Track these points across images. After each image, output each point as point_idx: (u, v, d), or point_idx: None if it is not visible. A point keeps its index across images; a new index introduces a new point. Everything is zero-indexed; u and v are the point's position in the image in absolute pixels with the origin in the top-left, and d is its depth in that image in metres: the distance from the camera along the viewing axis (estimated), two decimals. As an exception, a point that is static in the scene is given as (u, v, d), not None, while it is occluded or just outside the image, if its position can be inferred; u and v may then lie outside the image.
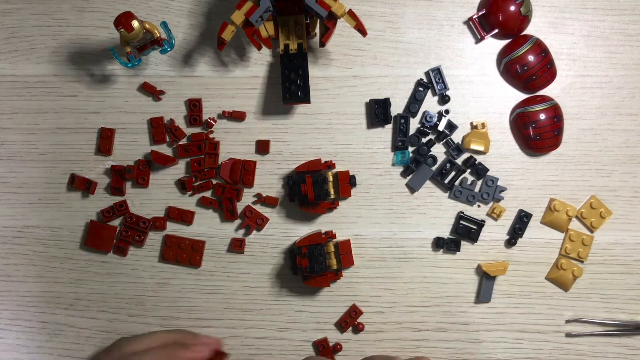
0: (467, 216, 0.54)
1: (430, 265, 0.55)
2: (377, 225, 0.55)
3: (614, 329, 0.55)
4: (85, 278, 0.55)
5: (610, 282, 0.55)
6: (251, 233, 0.55)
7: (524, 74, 0.53)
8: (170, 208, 0.54)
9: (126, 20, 0.46)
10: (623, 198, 0.55)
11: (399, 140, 0.54)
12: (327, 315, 0.55)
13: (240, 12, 0.46)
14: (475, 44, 0.56)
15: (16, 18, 0.55)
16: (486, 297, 0.54)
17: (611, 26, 0.56)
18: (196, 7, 0.55)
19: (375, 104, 0.54)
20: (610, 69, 0.55)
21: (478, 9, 0.55)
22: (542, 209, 0.55)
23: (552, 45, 0.55)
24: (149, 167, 0.54)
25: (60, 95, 0.55)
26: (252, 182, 0.54)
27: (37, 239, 0.55)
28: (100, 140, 0.54)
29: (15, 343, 0.55)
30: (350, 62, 0.55)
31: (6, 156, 0.55)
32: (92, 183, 0.54)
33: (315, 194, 0.50)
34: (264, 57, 0.55)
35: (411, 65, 0.55)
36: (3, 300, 0.55)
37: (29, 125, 0.55)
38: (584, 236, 0.54)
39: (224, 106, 0.55)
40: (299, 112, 0.55)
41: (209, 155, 0.54)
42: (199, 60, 0.55)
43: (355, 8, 0.49)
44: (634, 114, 0.55)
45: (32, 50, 0.55)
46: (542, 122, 0.53)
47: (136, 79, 0.55)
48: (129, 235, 0.54)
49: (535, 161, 0.55)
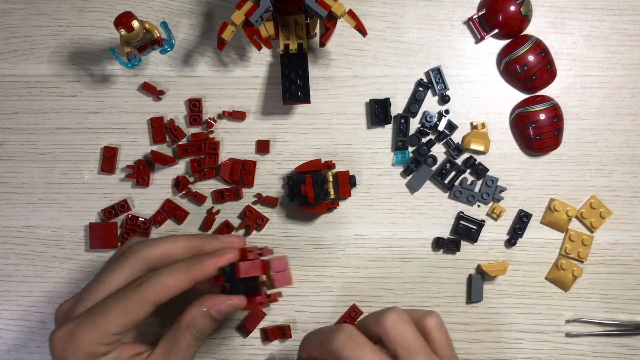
0: (467, 216, 0.55)
1: (430, 265, 0.55)
2: (377, 225, 0.55)
3: (614, 329, 0.55)
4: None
5: (610, 282, 0.55)
6: (251, 233, 0.55)
7: (524, 74, 0.54)
8: (167, 201, 0.54)
9: (126, 20, 0.46)
10: (623, 198, 0.55)
11: (399, 140, 0.54)
12: (327, 316, 0.55)
13: (240, 12, 0.46)
14: (475, 44, 0.56)
15: (16, 18, 0.55)
16: (477, 297, 0.54)
17: (611, 26, 0.56)
18: (196, 7, 0.55)
19: (375, 104, 0.54)
20: (610, 69, 0.55)
21: (478, 9, 0.55)
22: (542, 209, 0.55)
23: (552, 45, 0.55)
24: (149, 167, 0.54)
25: (60, 95, 0.55)
26: (252, 182, 0.54)
27: (37, 239, 0.55)
28: (103, 160, 0.54)
29: (15, 343, 0.55)
30: (350, 62, 0.55)
31: (6, 156, 0.55)
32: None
33: (315, 194, 0.50)
34: (264, 57, 0.55)
35: (411, 65, 0.55)
36: (3, 300, 0.55)
37: (29, 125, 0.55)
38: (584, 236, 0.54)
39: (224, 106, 0.55)
40: (299, 112, 0.55)
41: (209, 155, 0.54)
42: (199, 60, 0.55)
43: (355, 8, 0.49)
44: (634, 114, 0.55)
45: (32, 50, 0.55)
46: (542, 122, 0.53)
47: (136, 79, 0.55)
48: (131, 237, 0.54)
49: (535, 161, 0.55)
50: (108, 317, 0.37)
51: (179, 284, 0.38)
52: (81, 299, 0.39)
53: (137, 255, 0.40)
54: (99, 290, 0.39)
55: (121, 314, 0.37)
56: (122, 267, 0.39)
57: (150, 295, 0.38)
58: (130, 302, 0.37)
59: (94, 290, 0.39)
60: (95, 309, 0.38)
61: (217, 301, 0.39)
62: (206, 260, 0.39)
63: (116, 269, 0.40)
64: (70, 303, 0.40)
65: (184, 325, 0.39)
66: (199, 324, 0.39)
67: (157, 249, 0.40)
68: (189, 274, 0.39)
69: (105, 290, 0.39)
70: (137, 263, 0.40)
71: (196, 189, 0.54)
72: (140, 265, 0.40)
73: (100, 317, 0.37)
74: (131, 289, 0.38)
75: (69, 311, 0.39)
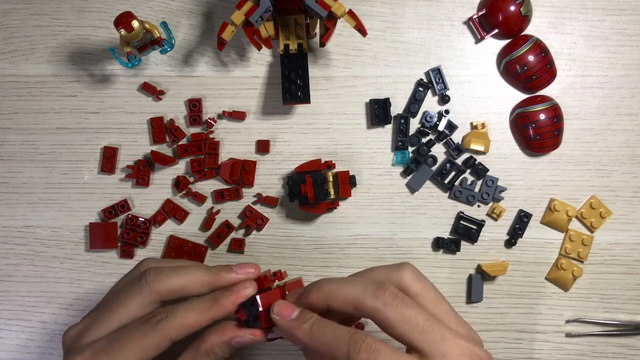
0: (467, 216, 0.55)
1: (430, 265, 0.55)
2: (377, 225, 0.55)
3: (614, 329, 0.55)
4: (85, 278, 0.55)
5: (610, 282, 0.55)
6: (251, 233, 0.55)
7: (524, 74, 0.54)
8: (167, 201, 0.54)
9: (126, 20, 0.46)
10: (623, 198, 0.55)
11: (399, 140, 0.54)
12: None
13: (240, 12, 0.46)
14: (475, 44, 0.56)
15: (16, 18, 0.55)
16: (477, 297, 0.54)
17: (611, 26, 0.56)
18: (196, 7, 0.55)
19: (375, 104, 0.54)
20: (610, 69, 0.55)
21: (478, 9, 0.55)
22: (542, 209, 0.55)
23: (552, 45, 0.55)
24: (149, 167, 0.54)
25: (60, 95, 0.55)
26: (252, 182, 0.54)
27: (37, 239, 0.55)
28: (103, 160, 0.54)
29: (15, 343, 0.55)
30: (350, 62, 0.55)
31: (6, 156, 0.55)
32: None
33: (315, 194, 0.50)
34: (264, 57, 0.55)
35: (411, 65, 0.55)
36: (3, 300, 0.55)
37: (29, 125, 0.55)
38: (584, 236, 0.54)
39: (224, 106, 0.55)
40: (299, 112, 0.55)
41: (209, 155, 0.54)
42: (199, 60, 0.55)
43: (355, 8, 0.49)
44: (634, 114, 0.55)
45: (32, 50, 0.55)
46: (542, 122, 0.53)
47: (136, 79, 0.55)
48: (131, 237, 0.54)
49: (535, 161, 0.55)
50: (126, 352, 0.37)
51: (198, 324, 0.38)
52: (92, 327, 0.39)
53: (152, 288, 0.39)
54: (112, 319, 0.39)
55: (140, 350, 0.37)
56: (136, 298, 0.39)
57: (170, 333, 0.37)
58: (149, 339, 0.37)
59: (106, 319, 0.39)
60: (112, 343, 0.37)
61: (239, 333, 0.39)
62: (225, 299, 0.39)
63: (130, 298, 0.39)
64: (79, 329, 0.39)
65: (203, 351, 0.39)
66: (218, 352, 0.39)
67: (173, 283, 0.40)
68: (209, 314, 0.39)
69: (118, 320, 0.39)
70: (150, 295, 0.39)
71: (196, 189, 0.54)
72: (154, 298, 0.39)
73: (117, 351, 0.37)
74: (149, 325, 0.38)
75: (77, 338, 0.39)
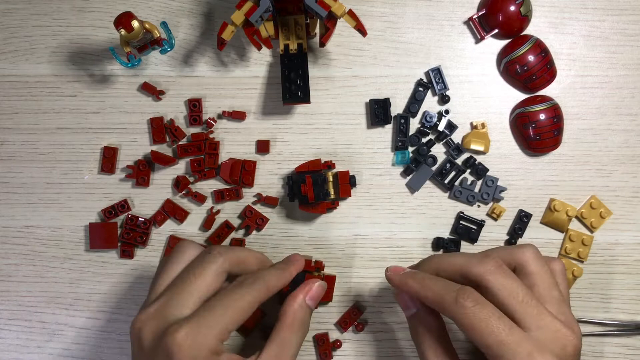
0: (467, 216, 0.55)
1: (430, 265, 0.55)
2: (377, 225, 0.55)
3: (614, 329, 0.55)
4: (85, 278, 0.55)
5: (610, 282, 0.55)
6: (251, 233, 0.55)
7: (524, 74, 0.54)
8: (167, 201, 0.54)
9: (126, 20, 0.46)
10: (623, 198, 0.55)
11: (399, 140, 0.54)
12: (328, 315, 0.55)
13: (240, 12, 0.46)
14: (475, 44, 0.56)
15: (16, 18, 0.55)
16: None
17: (611, 26, 0.56)
18: (196, 7, 0.55)
19: (375, 104, 0.54)
20: (610, 69, 0.55)
21: (478, 9, 0.55)
22: (542, 209, 0.55)
23: (552, 45, 0.55)
24: (149, 167, 0.54)
25: (60, 95, 0.55)
26: (252, 182, 0.54)
27: (37, 239, 0.55)
28: (103, 160, 0.54)
29: (15, 343, 0.55)
30: (350, 62, 0.55)
31: (6, 156, 0.55)
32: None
33: (315, 194, 0.50)
34: (264, 57, 0.55)
35: (411, 65, 0.55)
36: (3, 300, 0.55)
37: (29, 125, 0.55)
38: (584, 236, 0.54)
39: (224, 106, 0.55)
40: (299, 112, 0.55)
41: (209, 155, 0.54)
42: (199, 60, 0.55)
43: (355, 8, 0.49)
44: (634, 114, 0.55)
45: (32, 50, 0.55)
46: (542, 122, 0.53)
47: (136, 79, 0.55)
48: (131, 237, 0.54)
49: (535, 161, 0.55)
50: (228, 313, 0.39)
51: (277, 286, 0.42)
52: (170, 305, 0.39)
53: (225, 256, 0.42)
54: (192, 292, 0.40)
55: (237, 310, 0.39)
56: (212, 268, 0.41)
57: (261, 293, 0.41)
58: (245, 300, 0.40)
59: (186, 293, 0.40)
60: (212, 308, 0.39)
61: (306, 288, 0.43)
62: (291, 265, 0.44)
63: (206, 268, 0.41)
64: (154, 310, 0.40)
65: (290, 322, 0.41)
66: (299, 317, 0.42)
67: (238, 254, 0.43)
68: (283, 278, 0.43)
69: (197, 293, 0.40)
70: (224, 262, 0.41)
71: (196, 189, 0.54)
72: (227, 266, 0.42)
73: (220, 313, 0.39)
74: (246, 286, 0.40)
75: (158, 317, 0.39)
